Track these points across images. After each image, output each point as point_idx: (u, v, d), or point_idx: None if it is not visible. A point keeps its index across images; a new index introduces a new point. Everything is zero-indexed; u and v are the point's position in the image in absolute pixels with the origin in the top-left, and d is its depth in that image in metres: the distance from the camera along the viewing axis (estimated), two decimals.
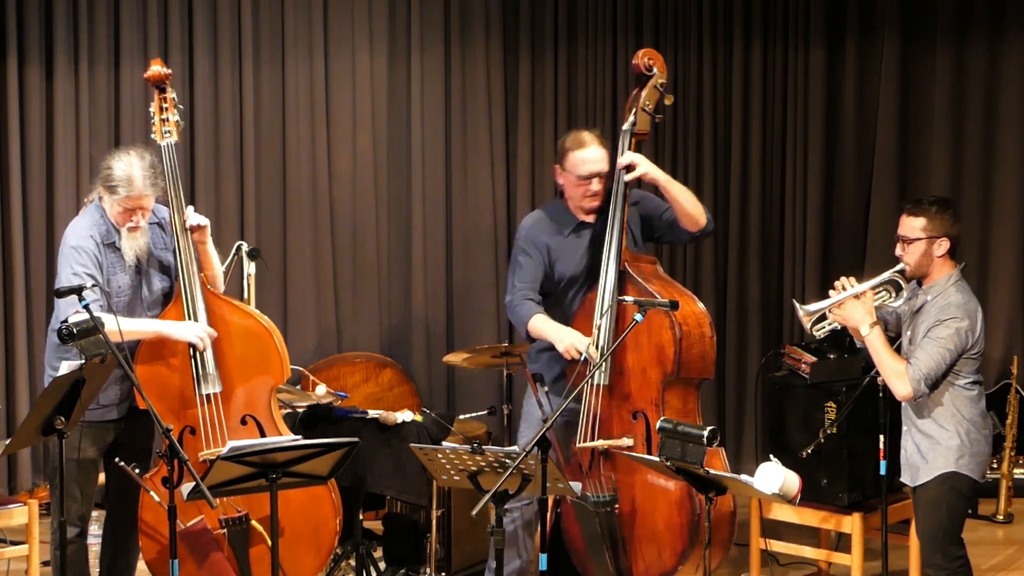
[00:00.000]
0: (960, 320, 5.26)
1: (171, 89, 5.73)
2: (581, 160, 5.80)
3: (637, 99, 5.86)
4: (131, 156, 5.45)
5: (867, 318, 5.33)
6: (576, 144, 5.81)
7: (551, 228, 5.90)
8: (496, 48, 7.88)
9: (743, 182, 8.00)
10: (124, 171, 5.42)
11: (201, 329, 5.51)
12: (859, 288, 5.38)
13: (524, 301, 5.85)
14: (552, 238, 5.88)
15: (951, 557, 5.32)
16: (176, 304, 5.57)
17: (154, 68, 5.73)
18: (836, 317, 5.43)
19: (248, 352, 5.61)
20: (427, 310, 7.95)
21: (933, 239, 5.33)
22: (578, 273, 5.87)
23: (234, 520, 5.54)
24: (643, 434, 5.67)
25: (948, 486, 5.31)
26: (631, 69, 6.00)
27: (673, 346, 5.63)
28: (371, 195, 7.91)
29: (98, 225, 5.52)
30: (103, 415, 5.52)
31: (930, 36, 7.88)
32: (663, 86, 5.87)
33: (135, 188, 5.41)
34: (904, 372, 5.26)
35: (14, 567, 6.36)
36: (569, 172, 5.83)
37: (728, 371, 8.04)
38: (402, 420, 6.07)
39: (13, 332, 7.47)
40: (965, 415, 5.32)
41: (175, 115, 5.69)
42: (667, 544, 5.65)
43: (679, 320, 5.64)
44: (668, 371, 5.65)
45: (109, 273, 5.50)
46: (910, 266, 5.38)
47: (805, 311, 5.44)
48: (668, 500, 5.64)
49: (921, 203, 5.40)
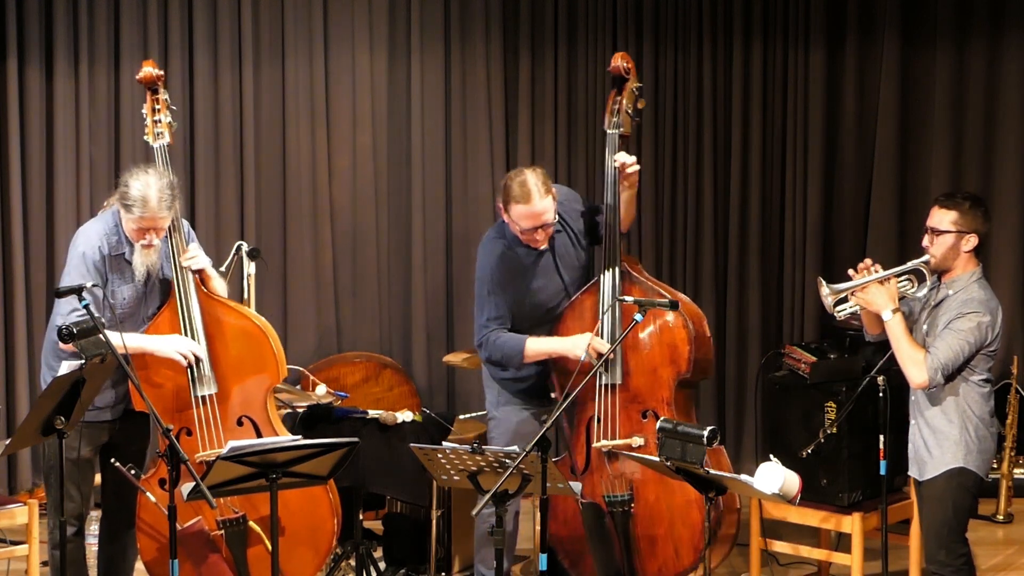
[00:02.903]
0: (982, 315, 5.27)
1: (164, 90, 5.72)
2: (523, 215, 5.65)
3: (619, 102, 5.87)
4: (149, 176, 5.42)
5: (890, 303, 5.32)
6: (519, 197, 5.63)
7: (514, 262, 5.79)
8: (496, 48, 7.88)
9: (743, 182, 7.99)
10: (140, 191, 5.38)
11: (185, 345, 5.50)
12: (884, 274, 5.36)
13: (503, 334, 5.76)
14: (517, 272, 5.78)
15: (955, 554, 5.32)
16: (171, 306, 5.57)
17: (146, 70, 5.73)
18: (859, 300, 5.39)
19: (243, 353, 5.60)
20: (427, 310, 7.95)
21: (962, 234, 5.32)
22: (552, 291, 5.84)
23: (232, 521, 5.54)
24: (654, 433, 5.66)
25: (955, 482, 5.31)
26: (610, 71, 5.99)
27: (688, 345, 5.65)
28: (371, 195, 7.90)
29: (110, 234, 5.51)
30: (97, 416, 5.52)
31: (930, 36, 7.87)
32: (639, 89, 5.90)
33: (149, 210, 5.39)
34: (922, 360, 5.25)
35: (14, 567, 6.36)
36: (513, 221, 5.71)
37: (728, 371, 8.04)
38: (402, 420, 6.07)
39: (13, 332, 7.47)
40: (975, 411, 5.32)
41: (167, 116, 5.69)
42: (685, 541, 5.66)
43: (690, 318, 5.65)
44: (683, 370, 5.67)
45: (114, 286, 5.50)
46: (936, 258, 5.36)
47: (832, 289, 5.40)
48: (687, 497, 5.63)
49: (954, 197, 5.39)
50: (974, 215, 5.33)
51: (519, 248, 5.79)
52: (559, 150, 7.95)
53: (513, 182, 5.67)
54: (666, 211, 7.98)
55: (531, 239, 5.72)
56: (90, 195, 7.52)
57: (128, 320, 5.51)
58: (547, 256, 5.82)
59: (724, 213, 8.01)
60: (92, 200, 7.47)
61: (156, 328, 5.58)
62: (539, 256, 5.82)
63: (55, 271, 7.43)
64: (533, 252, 5.80)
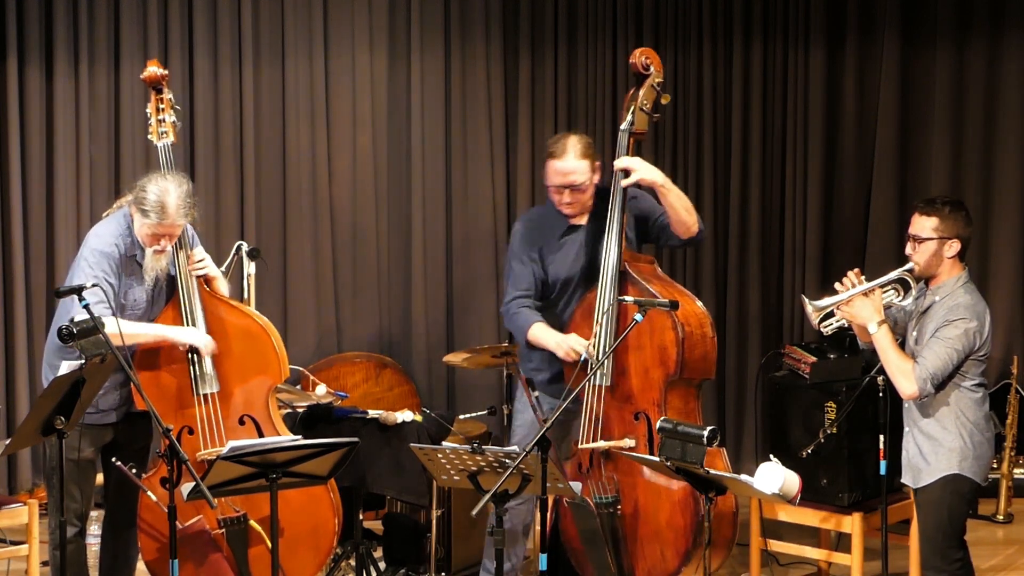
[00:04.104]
0: (969, 321, 5.24)
1: (168, 90, 5.72)
2: (553, 170, 5.79)
3: (635, 99, 5.85)
4: (168, 183, 5.40)
5: (875, 316, 5.31)
6: (554, 152, 5.78)
7: (543, 232, 5.88)
8: (496, 48, 7.88)
9: (743, 182, 8.00)
10: (158, 197, 5.36)
11: (205, 337, 5.51)
12: (868, 285, 5.34)
13: (521, 309, 5.84)
14: (545, 242, 5.86)
15: (950, 559, 5.31)
16: (174, 305, 5.57)
17: (150, 69, 5.72)
18: (844, 314, 5.38)
19: (245, 352, 5.61)
20: (427, 310, 7.95)
21: (944, 240, 5.30)
22: (572, 275, 5.86)
23: (233, 520, 5.54)
24: (645, 435, 5.67)
25: (950, 488, 5.29)
26: (629, 68, 5.99)
27: (676, 347, 5.63)
28: (371, 195, 7.91)
29: (123, 236, 5.50)
30: (101, 419, 5.52)
31: (930, 36, 7.88)
32: (660, 85, 5.86)
33: (168, 217, 5.38)
34: (911, 371, 5.24)
35: (14, 567, 6.36)
36: (547, 177, 5.84)
37: (728, 371, 8.04)
38: (402, 420, 6.07)
39: (13, 332, 7.47)
40: (969, 417, 5.30)
41: (171, 116, 5.69)
42: (670, 544, 5.65)
43: (681, 321, 5.63)
44: (671, 371, 5.65)
45: (126, 286, 5.50)
46: (919, 265, 5.34)
47: (814, 306, 5.40)
48: (671, 500, 5.64)
49: (934, 203, 5.37)
50: (955, 220, 5.30)
51: (555, 218, 5.86)
52: None
53: (556, 139, 5.86)
54: None
55: (559, 200, 5.79)
56: (90, 195, 7.52)
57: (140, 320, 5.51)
58: (580, 235, 5.85)
59: (724, 213, 8.01)
60: (92, 200, 7.48)
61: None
62: (571, 230, 5.86)
63: (55, 271, 7.43)
64: (565, 224, 5.85)
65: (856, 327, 5.43)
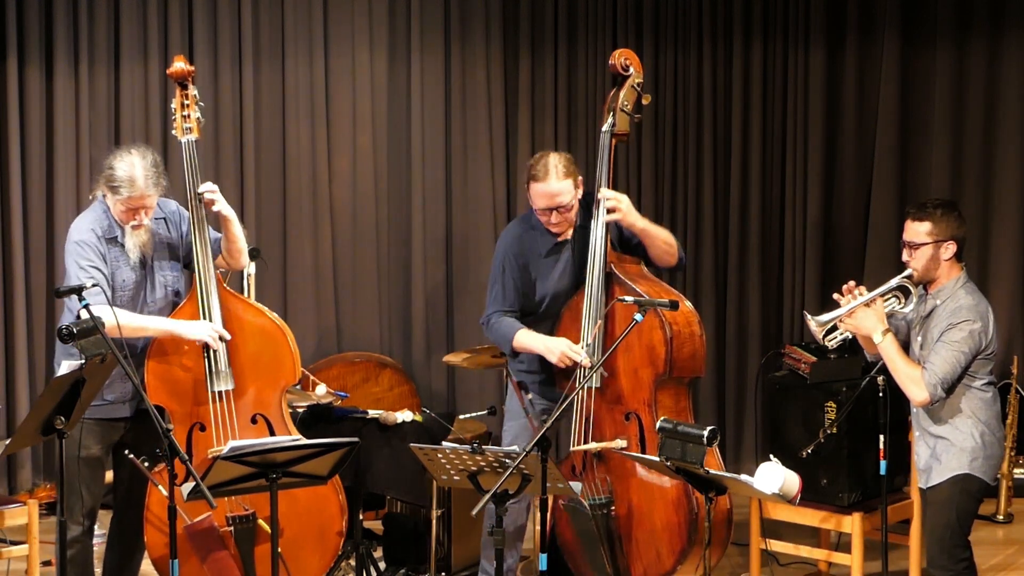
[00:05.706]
0: (973, 322, 5.24)
1: (193, 86, 5.69)
2: (537, 193, 5.73)
3: (615, 100, 5.85)
4: (133, 156, 5.44)
5: (879, 326, 5.28)
6: (536, 174, 5.72)
7: (529, 247, 5.83)
8: (496, 48, 7.88)
9: (743, 182, 8.00)
10: (126, 171, 5.41)
11: (213, 329, 5.51)
12: (869, 296, 5.32)
13: (501, 319, 5.81)
14: (530, 259, 5.82)
15: (956, 558, 5.30)
16: (191, 301, 5.58)
17: (177, 64, 5.68)
18: (847, 326, 5.34)
19: (261, 351, 5.62)
20: (427, 310, 7.95)
21: (940, 243, 5.29)
22: (560, 291, 5.83)
23: (241, 518, 5.54)
24: (636, 435, 5.67)
25: (960, 487, 5.28)
26: (608, 69, 5.99)
27: (664, 346, 5.62)
28: (371, 195, 7.91)
29: (100, 221, 5.52)
30: (112, 412, 5.52)
31: (930, 36, 7.87)
32: (640, 85, 5.86)
33: (137, 188, 5.41)
34: (920, 378, 5.22)
35: (14, 567, 6.36)
36: (531, 199, 5.79)
37: (728, 371, 8.04)
38: (402, 420, 6.07)
39: (13, 332, 7.48)
40: (981, 418, 5.29)
41: (196, 112, 5.67)
42: (665, 544, 5.65)
43: (669, 320, 5.63)
44: (660, 371, 5.65)
45: (113, 267, 5.51)
46: (918, 271, 5.33)
47: (817, 322, 5.37)
48: (665, 500, 5.64)
49: (925, 207, 5.36)
50: (947, 221, 5.30)
51: (540, 235, 5.82)
52: (559, 150, 7.93)
53: (536, 161, 5.77)
54: (666, 211, 7.98)
55: (547, 221, 5.76)
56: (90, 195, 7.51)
57: (128, 305, 5.51)
58: (566, 251, 5.83)
59: (724, 213, 8.01)
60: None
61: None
62: (557, 248, 5.83)
63: (55, 271, 7.43)
64: (551, 241, 5.81)
65: (861, 339, 5.40)
